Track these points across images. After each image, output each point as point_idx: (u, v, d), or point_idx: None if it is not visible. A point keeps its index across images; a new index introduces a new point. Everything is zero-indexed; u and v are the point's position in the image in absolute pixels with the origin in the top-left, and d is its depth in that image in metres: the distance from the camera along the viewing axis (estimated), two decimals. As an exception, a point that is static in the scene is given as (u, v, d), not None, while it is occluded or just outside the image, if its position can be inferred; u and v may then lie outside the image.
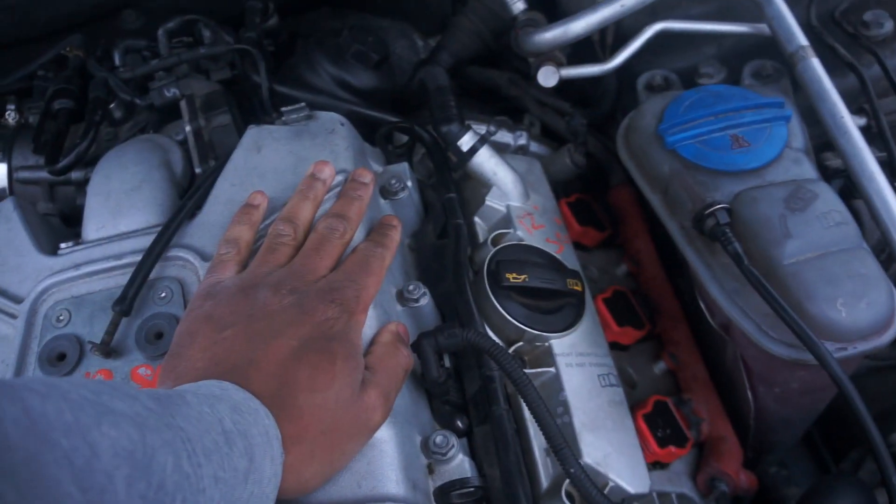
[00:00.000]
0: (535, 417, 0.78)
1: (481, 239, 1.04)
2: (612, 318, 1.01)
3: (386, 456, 0.75)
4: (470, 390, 0.89)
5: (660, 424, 0.94)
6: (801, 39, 1.04)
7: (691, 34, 1.14)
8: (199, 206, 0.93)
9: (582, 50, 1.21)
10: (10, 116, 1.21)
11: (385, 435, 0.75)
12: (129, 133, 1.14)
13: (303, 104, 1.00)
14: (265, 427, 0.65)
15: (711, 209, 0.89)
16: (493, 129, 1.17)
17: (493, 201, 1.04)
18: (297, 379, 0.70)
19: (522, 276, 0.92)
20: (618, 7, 1.07)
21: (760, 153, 0.94)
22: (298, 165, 0.94)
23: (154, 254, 0.87)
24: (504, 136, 1.19)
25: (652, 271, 1.13)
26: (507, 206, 1.04)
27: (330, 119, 0.99)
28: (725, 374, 1.02)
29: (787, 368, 0.88)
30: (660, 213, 0.98)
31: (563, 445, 0.77)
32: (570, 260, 1.02)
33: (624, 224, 1.18)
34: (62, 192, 1.17)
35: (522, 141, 1.19)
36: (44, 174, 1.14)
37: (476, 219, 1.05)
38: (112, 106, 1.13)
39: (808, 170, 0.94)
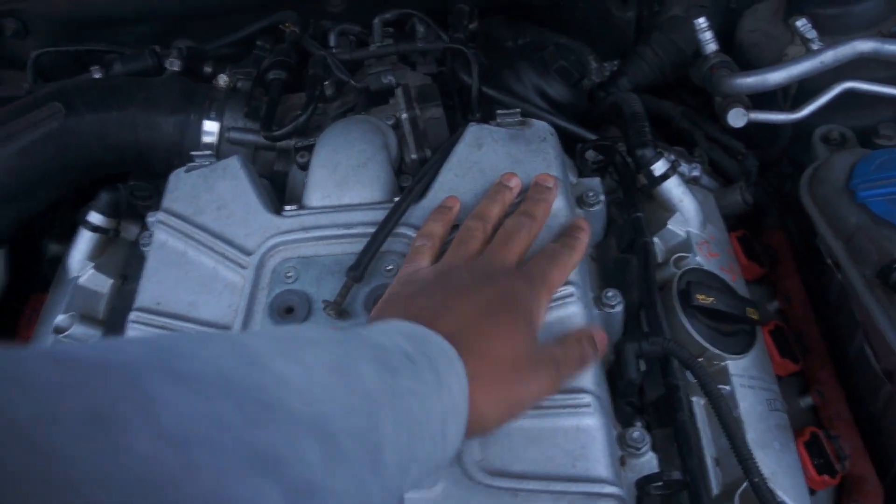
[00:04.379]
0: (724, 428, 0.86)
1: (660, 259, 1.11)
2: (776, 349, 1.08)
3: (598, 442, 0.82)
4: (650, 396, 0.96)
5: (815, 454, 1.01)
6: None
7: (871, 95, 1.21)
8: (424, 191, 1.01)
9: (758, 95, 1.28)
10: (223, 80, 1.29)
11: (597, 423, 0.83)
12: (336, 111, 1.23)
13: (517, 110, 1.08)
14: (445, 351, 0.70)
15: (898, 264, 0.96)
16: (676, 159, 1.24)
17: (674, 226, 1.12)
18: (479, 326, 0.77)
19: (710, 299, 1.00)
20: (817, 63, 1.14)
21: (949, 218, 1.00)
22: (514, 167, 1.02)
23: (387, 229, 0.95)
24: (683, 167, 1.26)
25: (802, 311, 1.19)
26: (688, 233, 1.12)
27: (542, 128, 1.07)
28: (873, 418, 1.08)
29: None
30: (841, 260, 1.04)
31: (750, 456, 0.84)
32: (741, 290, 1.09)
33: (778, 265, 1.24)
34: (264, 157, 1.26)
35: (696, 173, 1.26)
36: (251, 137, 1.23)
37: (655, 239, 1.13)
38: (325, 83, 1.22)
39: None
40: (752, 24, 1.38)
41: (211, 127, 1.23)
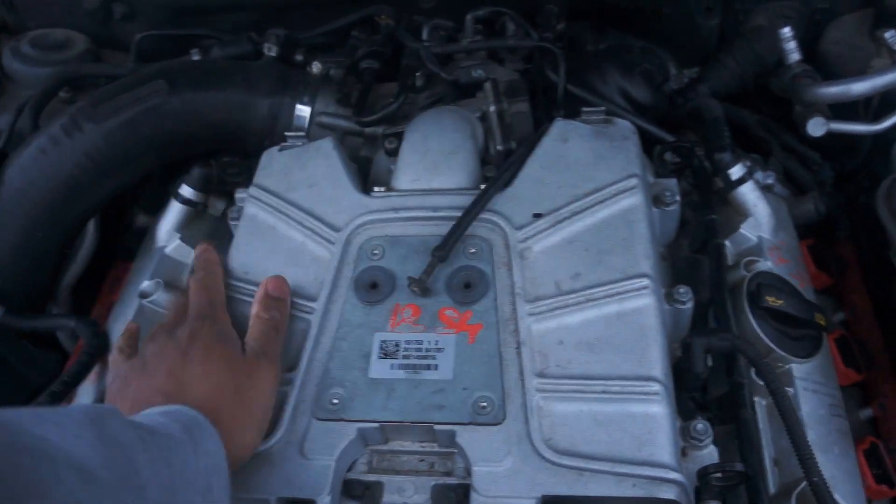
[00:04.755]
0: (787, 427, 0.88)
1: (730, 262, 1.14)
2: (841, 358, 1.10)
3: (663, 430, 0.86)
4: (714, 392, 0.99)
5: (874, 463, 1.03)
6: None
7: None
8: (510, 180, 1.06)
9: (839, 106, 1.29)
10: (316, 67, 1.35)
11: (664, 411, 0.87)
12: (425, 101, 1.28)
13: (602, 108, 1.12)
14: (186, 416, 0.81)
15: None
16: (749, 164, 1.27)
17: (746, 230, 1.14)
18: (190, 374, 0.88)
19: (779, 301, 1.02)
20: (903, 76, 1.16)
21: None
22: (598, 162, 1.06)
23: (473, 213, 1.00)
24: (757, 175, 1.29)
25: (868, 324, 1.21)
26: (759, 237, 1.14)
27: (625, 127, 1.11)
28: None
29: None
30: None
31: (811, 455, 0.86)
32: (809, 297, 1.11)
33: (845, 276, 1.26)
34: (351, 142, 1.31)
35: (770, 181, 1.28)
36: (340, 122, 1.29)
37: (727, 242, 1.15)
38: (417, 74, 1.27)
39: None
40: (837, 36, 1.40)
41: (303, 111, 1.29)
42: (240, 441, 0.85)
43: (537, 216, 1.01)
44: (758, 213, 1.15)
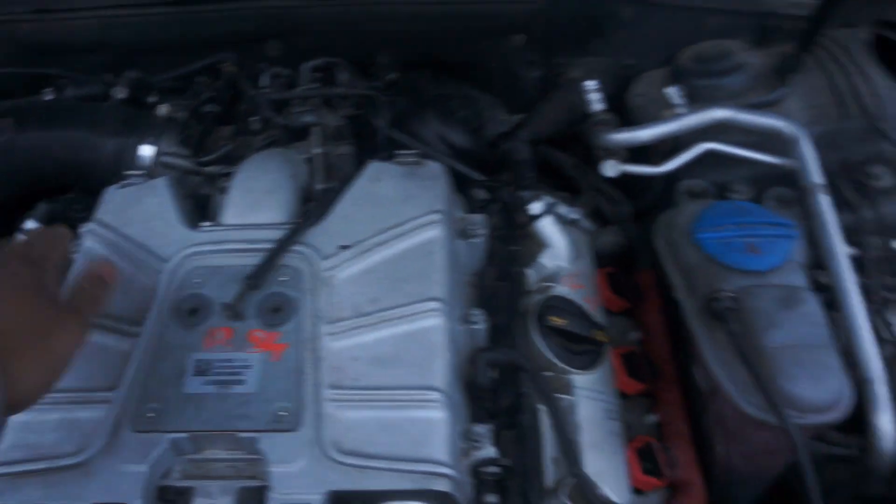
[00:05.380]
0: (556, 430, 1.02)
1: (531, 288, 1.27)
2: (624, 369, 1.24)
3: (440, 432, 0.97)
4: (502, 402, 1.12)
5: (644, 458, 1.16)
6: (818, 178, 1.28)
7: (729, 155, 1.38)
8: (324, 215, 1.17)
9: (637, 150, 1.45)
10: (163, 109, 1.45)
11: (442, 416, 0.98)
12: (261, 144, 1.39)
13: (415, 151, 1.25)
14: None
15: (721, 295, 1.13)
16: (555, 201, 1.41)
17: (545, 259, 1.28)
18: None
19: (562, 321, 1.16)
20: (679, 125, 1.33)
21: (767, 260, 1.17)
22: (405, 199, 1.18)
23: (284, 245, 1.11)
24: (562, 209, 1.43)
25: (659, 342, 1.36)
26: (557, 266, 1.28)
27: (435, 168, 1.24)
28: (704, 432, 1.24)
29: (755, 428, 1.09)
30: (680, 292, 1.21)
31: (573, 453, 1.00)
32: (599, 318, 1.26)
33: (643, 301, 1.41)
34: (191, 181, 1.41)
35: (575, 216, 1.43)
36: (182, 162, 1.38)
37: (529, 270, 1.29)
38: (253, 119, 1.38)
39: (801, 280, 1.17)
40: (640, 89, 1.57)
41: (146, 151, 1.38)
42: (24, 381, 0.83)
43: (344, 248, 1.13)
44: (555, 243, 1.29)
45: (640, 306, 1.41)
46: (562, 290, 1.25)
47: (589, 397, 1.15)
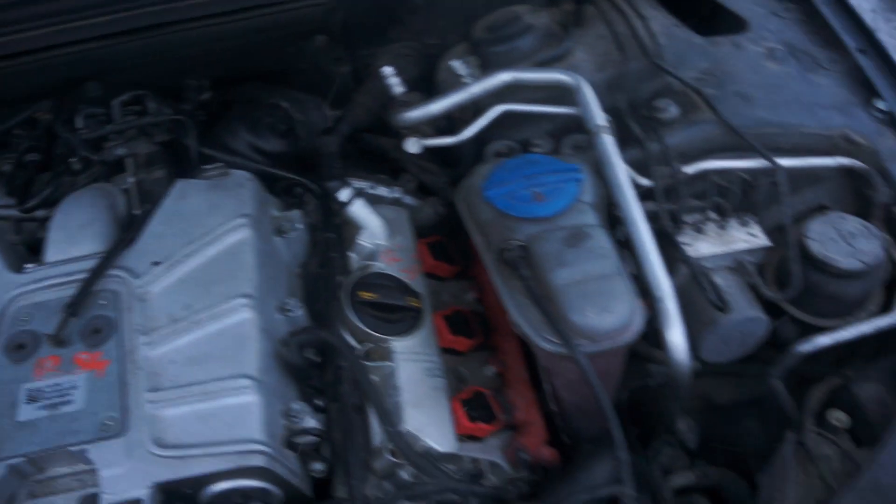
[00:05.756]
0: (364, 392, 1.10)
1: (354, 269, 1.36)
2: (448, 329, 1.33)
3: (254, 414, 1.06)
4: (327, 377, 1.21)
5: (474, 407, 1.25)
6: (600, 119, 1.37)
7: (528, 113, 1.47)
8: (135, 238, 1.25)
9: (445, 122, 1.54)
10: (-11, 164, 1.51)
11: (255, 400, 1.08)
12: (85, 181, 1.45)
13: (221, 164, 1.34)
14: None
15: (510, 245, 1.22)
16: (372, 185, 1.50)
17: (363, 240, 1.37)
18: None
19: (373, 295, 1.25)
20: (465, 94, 1.42)
21: (553, 205, 1.26)
22: (211, 210, 1.27)
23: (97, 272, 1.19)
24: (382, 191, 1.52)
25: (492, 298, 1.44)
26: (375, 244, 1.37)
27: (240, 176, 1.33)
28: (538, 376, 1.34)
29: (561, 361, 1.19)
30: (480, 250, 1.30)
31: (389, 414, 1.09)
32: (418, 286, 1.35)
33: (476, 262, 1.50)
34: (27, 227, 1.46)
35: (396, 194, 1.52)
36: (14, 212, 1.45)
37: (351, 253, 1.38)
38: (72, 160, 1.45)
39: (591, 218, 1.26)
40: (443, 65, 1.65)
41: (-24, 207, 1.44)
42: None
43: (155, 264, 1.21)
44: (369, 224, 1.38)
45: (472, 268, 1.50)
46: (380, 265, 1.34)
47: (409, 360, 1.24)
